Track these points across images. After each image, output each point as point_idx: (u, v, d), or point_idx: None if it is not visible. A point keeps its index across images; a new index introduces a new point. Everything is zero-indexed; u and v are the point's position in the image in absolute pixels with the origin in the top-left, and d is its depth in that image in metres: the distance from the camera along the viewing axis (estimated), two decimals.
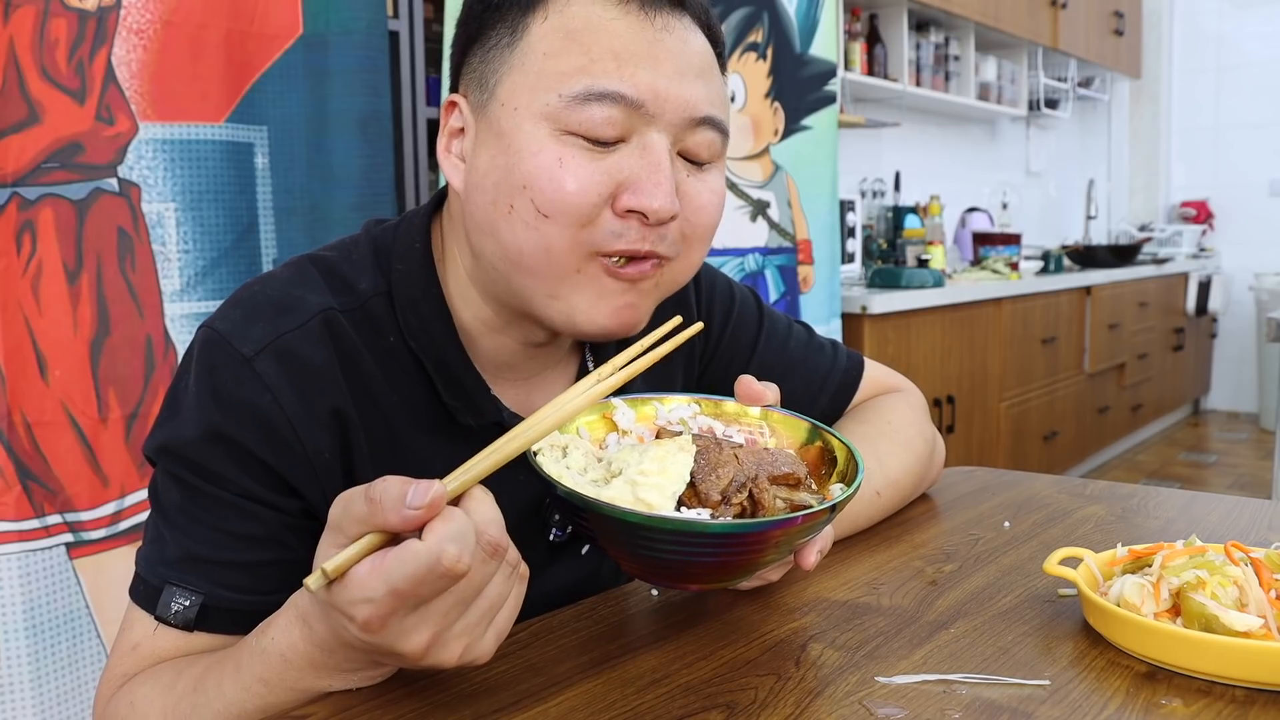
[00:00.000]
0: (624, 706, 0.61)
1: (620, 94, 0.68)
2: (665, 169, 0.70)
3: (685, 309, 0.95)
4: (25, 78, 1.36)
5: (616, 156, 0.70)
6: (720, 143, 0.75)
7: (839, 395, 1.01)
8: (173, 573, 0.70)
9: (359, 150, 1.68)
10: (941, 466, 1.08)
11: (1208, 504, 1.03)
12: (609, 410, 0.75)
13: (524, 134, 0.69)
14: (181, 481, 0.71)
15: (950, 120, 4.70)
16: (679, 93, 0.70)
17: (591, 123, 0.68)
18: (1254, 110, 5.66)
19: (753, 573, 0.69)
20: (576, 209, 0.69)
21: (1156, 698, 0.62)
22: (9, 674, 1.36)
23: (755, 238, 2.55)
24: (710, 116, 0.73)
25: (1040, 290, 3.86)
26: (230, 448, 0.70)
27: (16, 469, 1.36)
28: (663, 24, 0.71)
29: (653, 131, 0.70)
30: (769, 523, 0.61)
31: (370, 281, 0.77)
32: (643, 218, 0.70)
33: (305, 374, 0.72)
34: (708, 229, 0.76)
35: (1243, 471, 4.58)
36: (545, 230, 0.69)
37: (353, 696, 0.63)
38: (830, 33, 2.73)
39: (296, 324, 0.73)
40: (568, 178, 0.68)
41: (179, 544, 0.70)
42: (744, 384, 0.74)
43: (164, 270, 1.49)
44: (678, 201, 0.71)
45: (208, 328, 0.73)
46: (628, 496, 0.63)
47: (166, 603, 0.70)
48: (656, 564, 0.64)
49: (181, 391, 0.72)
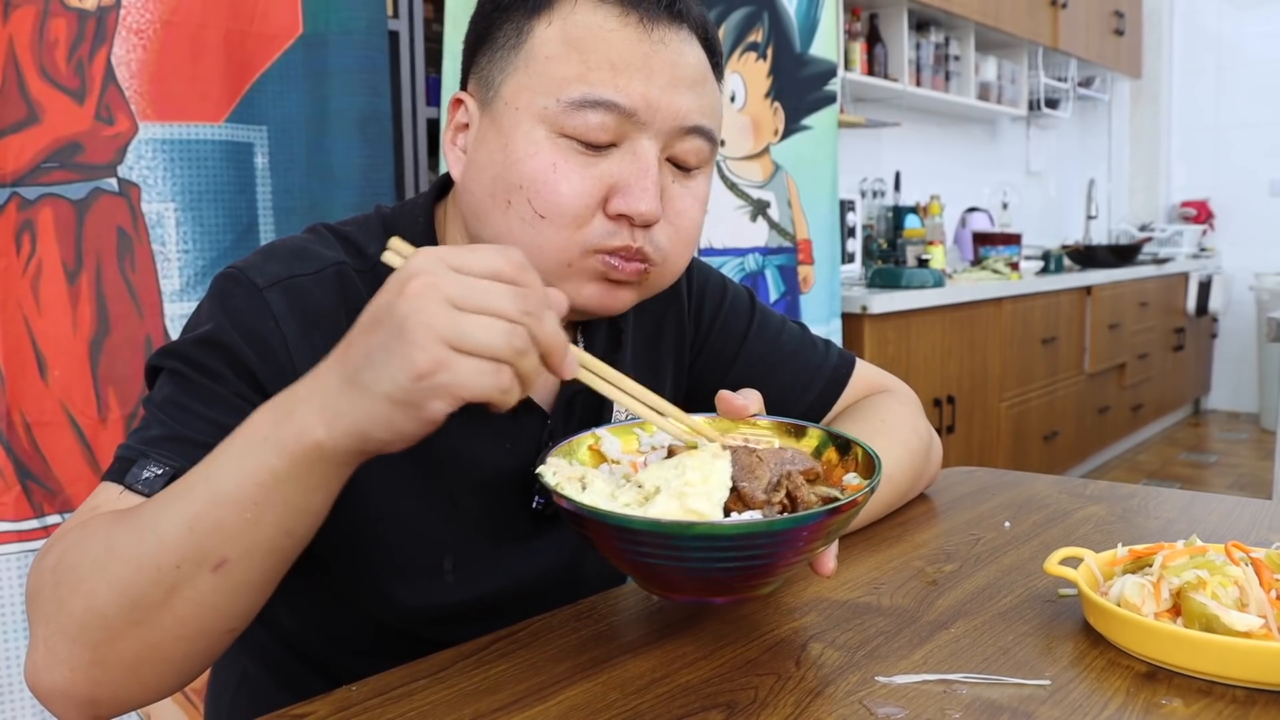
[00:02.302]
0: (624, 706, 0.61)
1: (614, 102, 0.73)
2: (652, 175, 0.74)
3: (677, 301, 0.96)
4: (25, 77, 1.36)
5: (608, 162, 0.74)
6: (709, 150, 0.79)
7: (828, 390, 1.01)
8: (151, 448, 0.68)
9: (359, 150, 1.68)
10: (939, 464, 1.08)
11: (1208, 504, 1.03)
12: (595, 442, 0.75)
13: (522, 133, 0.74)
14: (178, 375, 0.72)
15: (950, 120, 4.69)
16: (670, 103, 0.74)
17: (586, 127, 0.73)
18: (1254, 110, 5.66)
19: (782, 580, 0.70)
20: (571, 212, 0.73)
21: (1157, 698, 0.62)
22: (9, 674, 1.36)
23: (755, 238, 2.55)
24: (699, 126, 0.77)
25: (1040, 290, 3.86)
26: (230, 354, 0.72)
27: (16, 469, 1.36)
28: (660, 36, 0.75)
29: (643, 138, 0.74)
30: (821, 512, 0.62)
31: (379, 248, 0.80)
32: (630, 220, 0.74)
33: (311, 312, 0.75)
34: (691, 233, 0.80)
35: (1243, 472, 4.58)
36: (541, 229, 0.74)
37: (352, 696, 0.63)
38: (830, 32, 2.72)
39: (312, 270, 0.77)
40: (562, 182, 0.73)
41: (164, 426, 0.70)
42: (724, 399, 0.75)
43: (164, 270, 1.49)
44: (661, 207, 0.75)
45: (230, 266, 0.77)
46: (676, 509, 0.63)
47: (137, 473, 0.68)
48: (700, 576, 0.64)
49: (196, 315, 0.76)
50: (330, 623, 0.84)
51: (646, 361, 0.94)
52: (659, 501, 0.64)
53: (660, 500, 0.64)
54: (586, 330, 0.89)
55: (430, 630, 0.80)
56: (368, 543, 0.79)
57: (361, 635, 0.84)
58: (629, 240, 0.75)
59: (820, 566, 0.69)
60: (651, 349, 0.95)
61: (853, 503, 0.63)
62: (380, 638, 0.83)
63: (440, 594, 0.82)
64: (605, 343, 0.89)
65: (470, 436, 0.80)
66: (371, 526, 0.78)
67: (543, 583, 0.84)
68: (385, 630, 0.83)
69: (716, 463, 0.66)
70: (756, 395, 0.76)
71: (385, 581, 0.81)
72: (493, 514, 0.82)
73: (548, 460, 0.70)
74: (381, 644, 0.82)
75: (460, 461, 0.80)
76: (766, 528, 0.61)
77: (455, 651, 0.70)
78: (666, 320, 0.96)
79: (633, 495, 0.67)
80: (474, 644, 0.71)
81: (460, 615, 0.82)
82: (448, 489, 0.80)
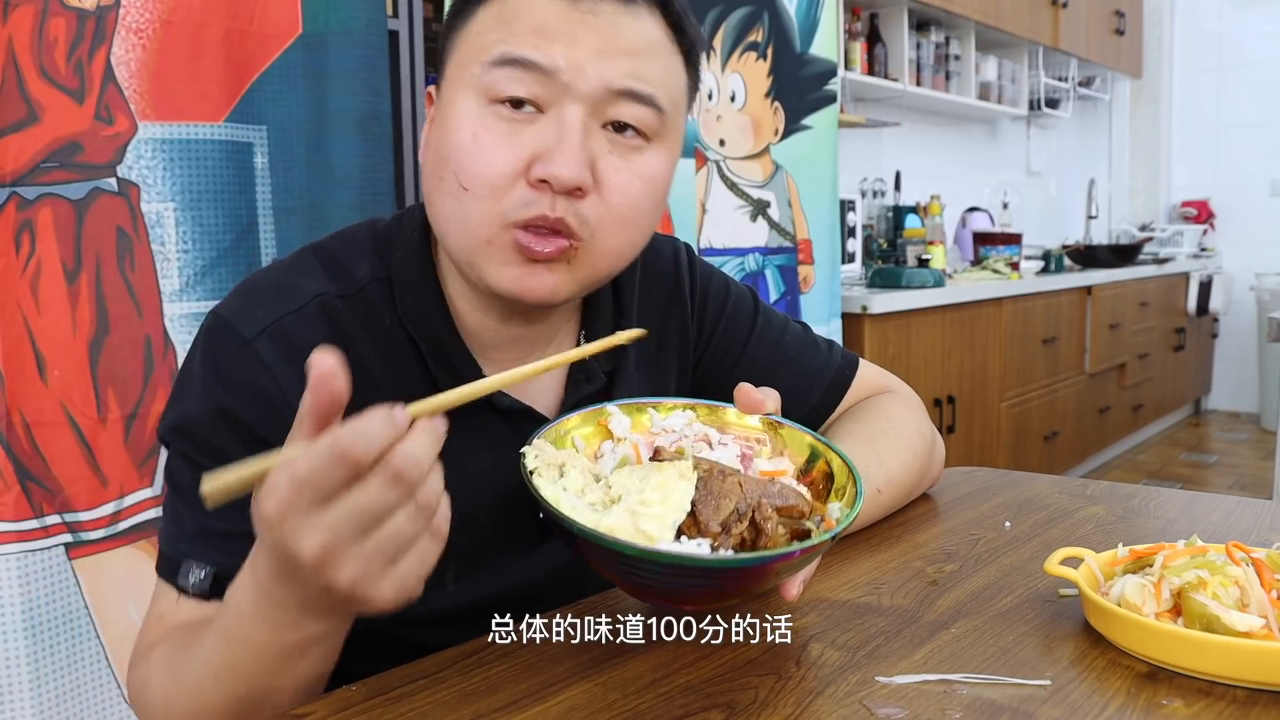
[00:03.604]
0: (624, 706, 0.61)
1: (531, 60, 0.71)
2: (573, 139, 0.71)
3: (680, 303, 0.96)
4: (24, 77, 1.35)
5: (531, 129, 0.72)
6: (655, 119, 0.75)
7: (831, 391, 1.01)
8: (189, 546, 0.74)
9: (358, 150, 1.67)
10: (942, 465, 1.08)
11: (1209, 504, 1.02)
12: (604, 418, 0.75)
13: (455, 106, 0.74)
14: (190, 459, 0.74)
15: (951, 120, 4.69)
16: (596, 66, 0.72)
17: (507, 82, 0.72)
18: (1254, 110, 5.66)
19: (752, 597, 0.70)
20: (490, 181, 0.72)
21: (1157, 698, 0.62)
22: (8, 674, 1.36)
23: (755, 238, 2.55)
24: (632, 89, 0.73)
25: (1041, 290, 3.86)
26: (233, 424, 0.73)
27: (15, 469, 1.36)
28: (589, 7, 0.73)
29: (567, 103, 0.72)
30: (767, 557, 0.62)
31: (369, 268, 0.82)
32: (551, 187, 0.72)
33: (302, 354, 0.74)
34: (629, 209, 0.75)
35: (1244, 472, 4.58)
36: (465, 202, 0.73)
37: (352, 696, 0.63)
38: (830, 32, 2.72)
39: (294, 308, 0.77)
40: (482, 152, 0.72)
41: (193, 519, 0.74)
42: (743, 392, 0.75)
43: (163, 270, 1.49)
44: (587, 174, 0.72)
45: (214, 314, 0.78)
46: (628, 526, 0.63)
47: (185, 574, 0.73)
48: (652, 590, 0.66)
49: (188, 374, 0.77)
50: None
51: (649, 365, 0.94)
52: (614, 512, 0.64)
53: (616, 511, 0.64)
54: (589, 335, 0.88)
55: (419, 634, 0.80)
56: None
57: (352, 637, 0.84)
58: (547, 210, 0.71)
59: (784, 591, 0.69)
60: (655, 352, 0.94)
61: (789, 555, 0.62)
62: (366, 638, 0.83)
63: (436, 600, 0.82)
64: None
65: (477, 450, 0.80)
66: None
67: (542, 586, 0.84)
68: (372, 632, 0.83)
69: (680, 484, 0.65)
70: (775, 394, 0.75)
71: None
72: (499, 525, 0.82)
73: (533, 442, 0.70)
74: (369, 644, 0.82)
75: (469, 475, 0.80)
76: (698, 563, 0.60)
77: (455, 651, 0.69)
78: (669, 323, 0.95)
79: (599, 496, 0.67)
80: (474, 644, 0.71)
81: (454, 619, 0.82)
82: (455, 502, 0.81)
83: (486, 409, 0.81)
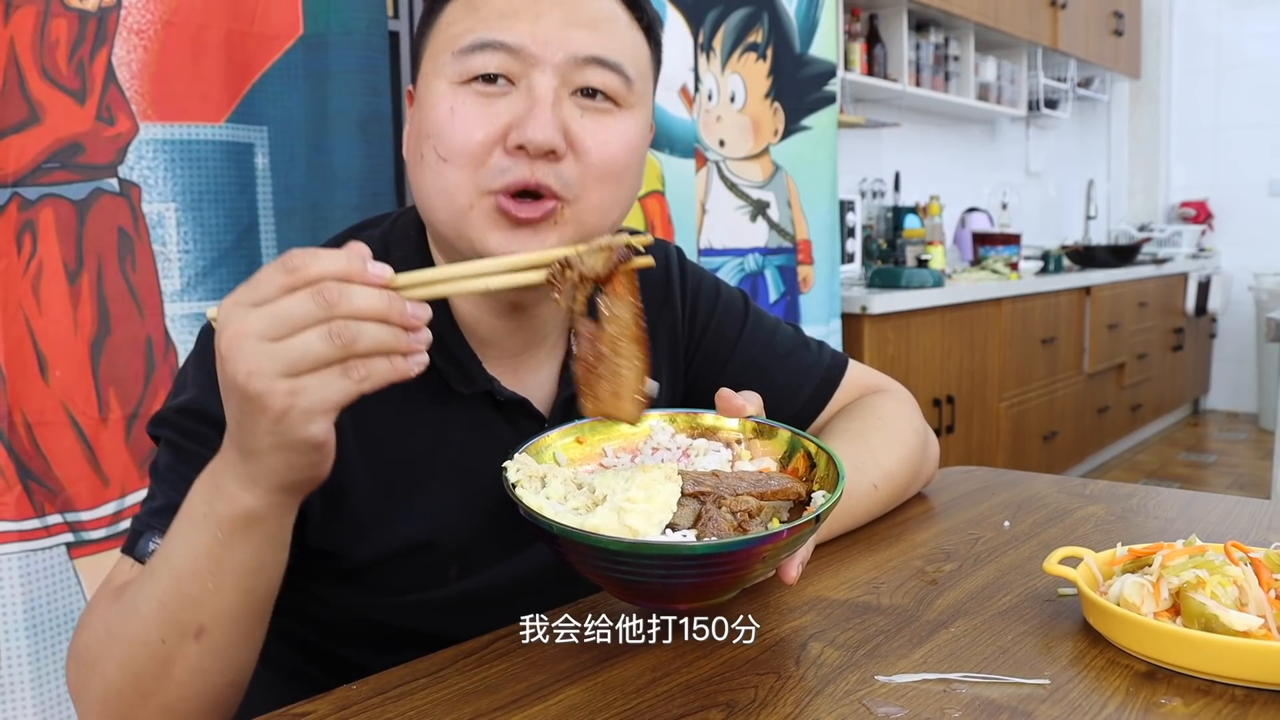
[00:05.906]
0: (624, 705, 0.62)
1: (500, 41, 0.75)
2: (545, 104, 0.74)
3: (670, 305, 0.96)
4: (26, 78, 1.36)
5: (506, 100, 0.75)
6: (623, 86, 0.78)
7: (821, 390, 1.02)
8: (154, 519, 0.74)
9: (359, 150, 1.68)
10: (937, 461, 1.08)
11: (1207, 504, 1.03)
12: (582, 434, 0.76)
13: (430, 92, 0.77)
14: (172, 444, 0.76)
15: (950, 120, 4.70)
16: (561, 36, 0.76)
17: (478, 65, 0.75)
18: (1254, 110, 5.66)
19: (740, 589, 0.70)
20: (469, 150, 0.75)
21: (1156, 697, 0.62)
22: (9, 674, 1.36)
23: (755, 238, 2.55)
24: (598, 56, 0.77)
25: (1040, 290, 3.86)
26: (215, 418, 0.73)
27: (17, 469, 1.36)
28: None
29: (536, 73, 0.75)
30: (754, 540, 0.62)
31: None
32: (528, 152, 0.74)
33: None
34: (607, 168, 0.78)
35: (1242, 471, 4.58)
36: (444, 173, 0.76)
37: (353, 694, 0.63)
38: (830, 33, 2.73)
39: None
40: (459, 123, 0.75)
41: (164, 496, 0.74)
42: (724, 397, 0.77)
43: (164, 270, 1.49)
44: (560, 138, 0.75)
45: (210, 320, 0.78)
46: (613, 523, 0.63)
47: (144, 545, 0.74)
48: (642, 588, 0.66)
49: (183, 374, 0.80)
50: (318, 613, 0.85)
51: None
52: (599, 512, 0.65)
53: (600, 512, 0.65)
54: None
55: (421, 622, 0.81)
56: (388, 560, 0.81)
57: (351, 627, 0.85)
58: (526, 175, 0.74)
59: (782, 574, 0.70)
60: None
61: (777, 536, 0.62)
62: (359, 628, 0.84)
63: (437, 590, 0.83)
64: None
65: (476, 447, 0.81)
66: (392, 545, 0.81)
67: (540, 577, 0.84)
68: (366, 622, 0.84)
69: (665, 484, 0.66)
70: (757, 397, 0.77)
71: (387, 587, 0.82)
72: (498, 520, 0.83)
73: (515, 457, 0.71)
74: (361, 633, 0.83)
75: (469, 473, 0.81)
76: (684, 551, 0.61)
77: (455, 651, 0.70)
78: (660, 324, 0.96)
79: (582, 500, 0.67)
80: (474, 643, 0.71)
81: (453, 608, 0.83)
82: (457, 500, 0.82)
83: (486, 398, 0.83)
